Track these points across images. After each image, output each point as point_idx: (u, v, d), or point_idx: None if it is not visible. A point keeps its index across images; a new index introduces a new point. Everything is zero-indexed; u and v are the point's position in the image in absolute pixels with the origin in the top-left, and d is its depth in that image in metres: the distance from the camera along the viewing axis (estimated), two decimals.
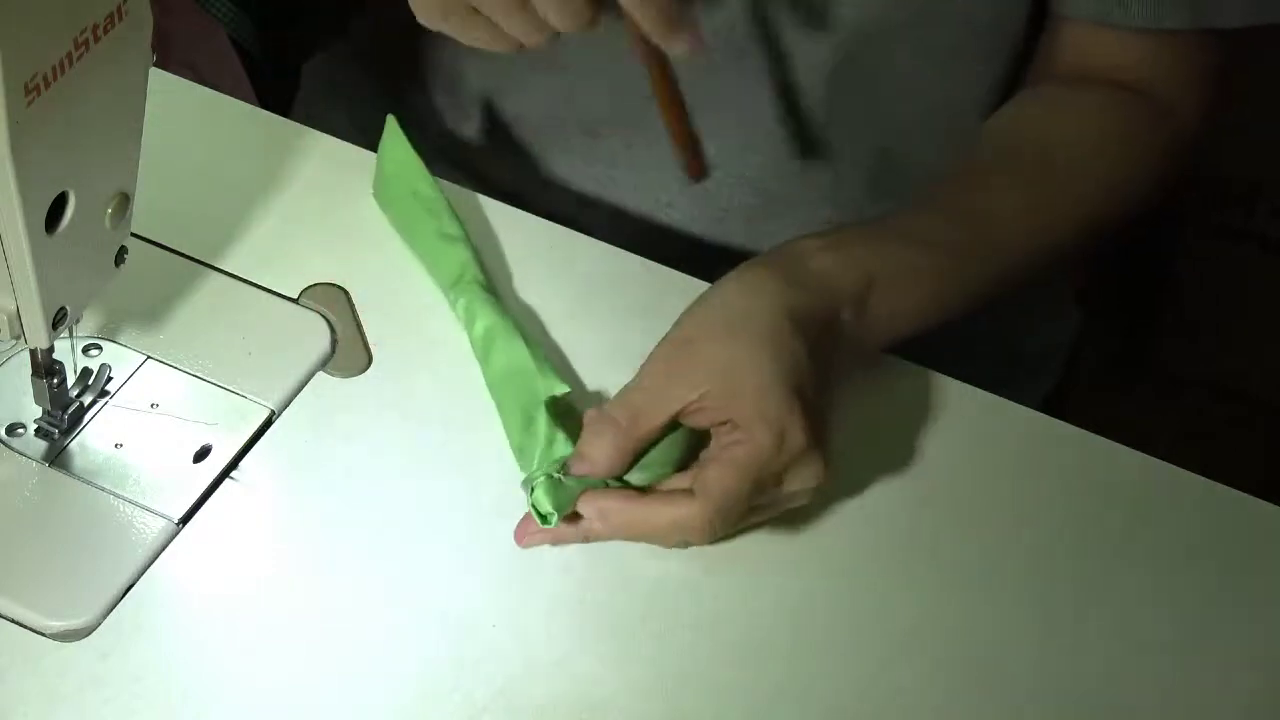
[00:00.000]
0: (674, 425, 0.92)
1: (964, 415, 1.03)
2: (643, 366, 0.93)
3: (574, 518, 0.91)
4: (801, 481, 0.92)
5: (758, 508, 0.93)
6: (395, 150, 1.07)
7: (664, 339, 0.94)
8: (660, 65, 1.02)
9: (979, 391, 1.04)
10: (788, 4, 1.09)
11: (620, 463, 0.92)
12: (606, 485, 0.92)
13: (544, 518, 0.90)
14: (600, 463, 0.91)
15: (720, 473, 0.90)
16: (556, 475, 0.91)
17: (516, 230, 1.08)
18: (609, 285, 1.06)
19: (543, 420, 0.94)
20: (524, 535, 0.93)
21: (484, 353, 0.99)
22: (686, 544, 0.92)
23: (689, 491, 0.90)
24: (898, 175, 1.17)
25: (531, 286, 1.05)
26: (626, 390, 0.93)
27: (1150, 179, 1.13)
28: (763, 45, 1.11)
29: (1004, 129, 1.11)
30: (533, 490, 0.91)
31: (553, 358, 1.00)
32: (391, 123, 1.07)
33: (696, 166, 1.10)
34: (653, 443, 0.92)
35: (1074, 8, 1.10)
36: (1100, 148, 1.11)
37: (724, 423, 0.91)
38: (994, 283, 1.05)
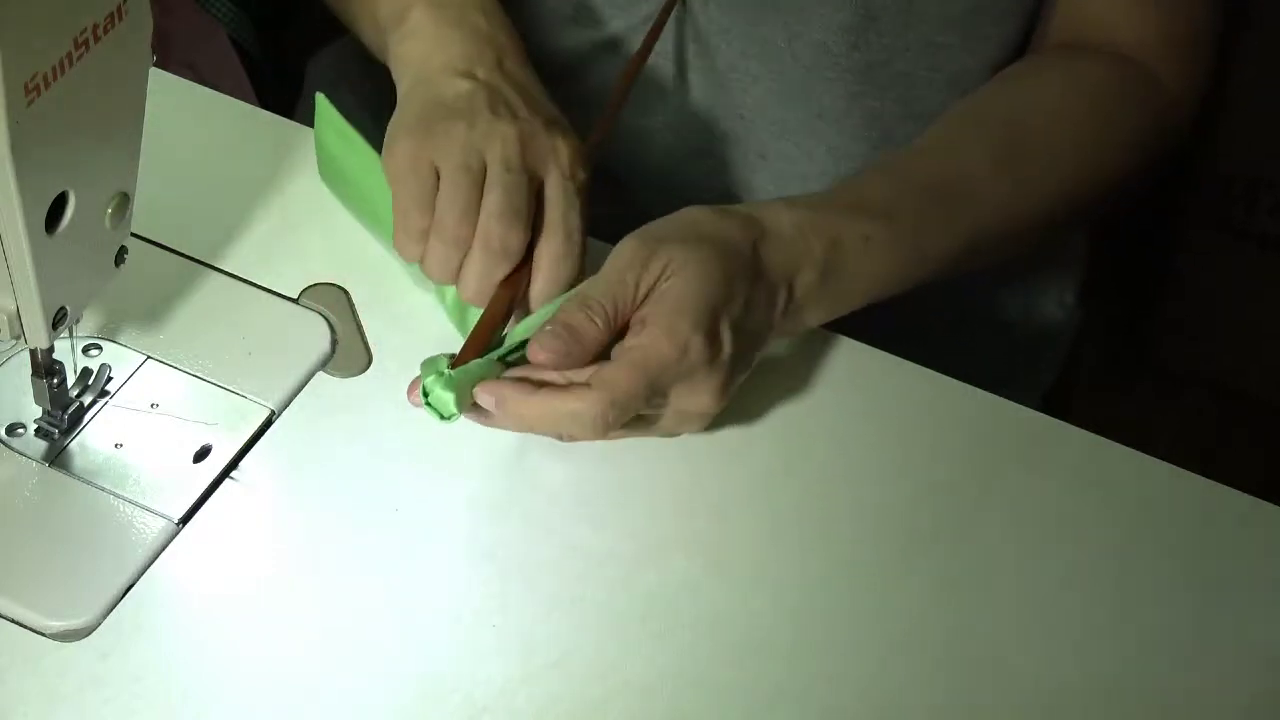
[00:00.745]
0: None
1: (964, 414, 1.03)
2: (611, 261, 0.94)
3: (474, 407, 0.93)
4: (689, 403, 0.93)
5: (646, 417, 0.94)
6: (332, 130, 1.06)
7: (633, 235, 0.95)
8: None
9: (978, 391, 1.04)
10: None
11: (596, 355, 0.92)
12: (503, 363, 0.93)
13: (445, 419, 0.91)
14: (588, 347, 0.92)
15: (618, 370, 0.91)
16: (447, 371, 0.91)
17: None
18: None
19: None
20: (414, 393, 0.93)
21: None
22: (573, 438, 0.94)
23: (586, 385, 0.91)
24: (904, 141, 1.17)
25: None
26: (595, 285, 0.93)
27: (1138, 151, 1.12)
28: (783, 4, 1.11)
29: (979, 96, 1.11)
30: (427, 395, 0.91)
31: None
32: (322, 102, 1.06)
33: None
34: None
35: None
36: (1081, 115, 1.10)
37: (640, 320, 0.93)
38: (965, 252, 1.05)
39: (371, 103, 1.26)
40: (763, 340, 0.97)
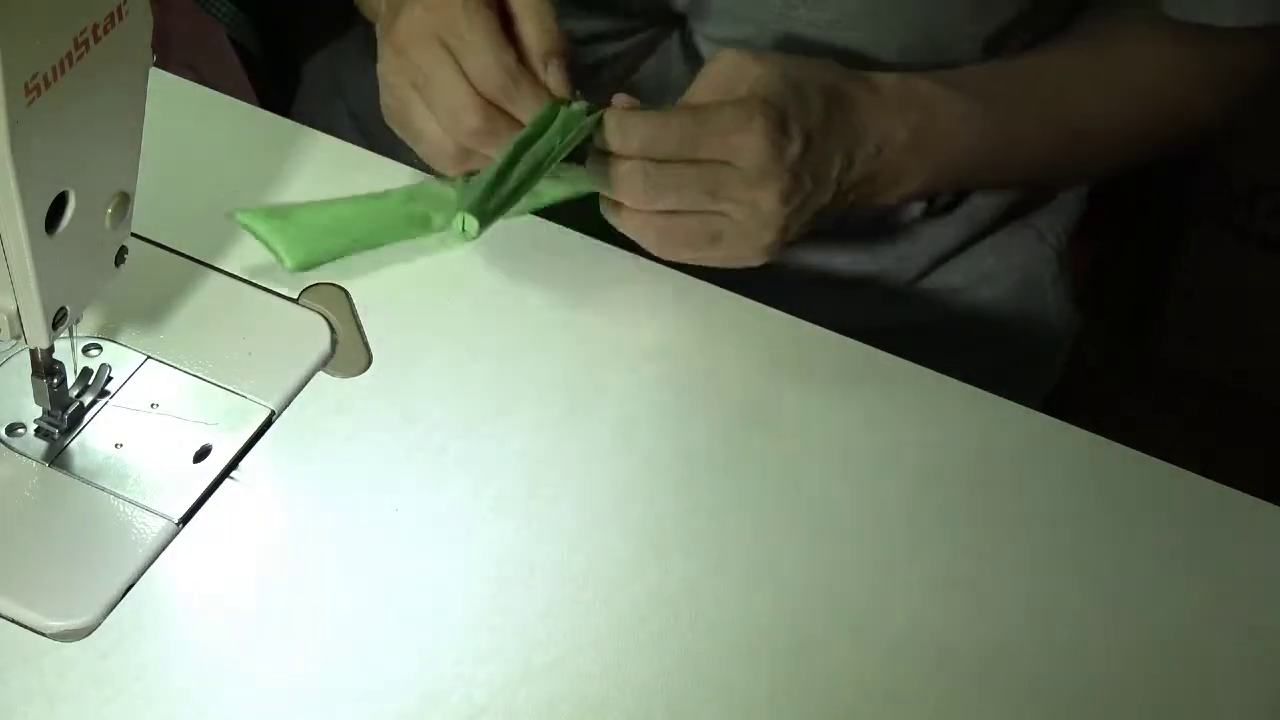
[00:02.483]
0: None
1: (964, 414, 1.03)
2: (702, 75, 0.99)
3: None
4: (755, 195, 0.96)
5: (709, 220, 0.98)
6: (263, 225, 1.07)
7: (731, 50, 0.99)
8: None
9: (979, 391, 1.04)
10: None
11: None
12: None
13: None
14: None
15: (671, 114, 0.96)
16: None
17: (511, 226, 1.08)
18: (604, 284, 1.06)
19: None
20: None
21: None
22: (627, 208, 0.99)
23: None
24: None
25: (527, 284, 1.06)
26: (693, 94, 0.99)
27: (1202, 108, 1.14)
28: None
29: (1076, 39, 1.14)
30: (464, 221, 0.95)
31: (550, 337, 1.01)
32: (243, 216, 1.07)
33: None
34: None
35: (1170, 7, 1.10)
36: (1160, 50, 1.12)
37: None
38: (1051, 149, 1.09)
39: (363, 106, 1.27)
40: (832, 186, 1.00)
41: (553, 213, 1.10)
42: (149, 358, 0.99)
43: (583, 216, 1.12)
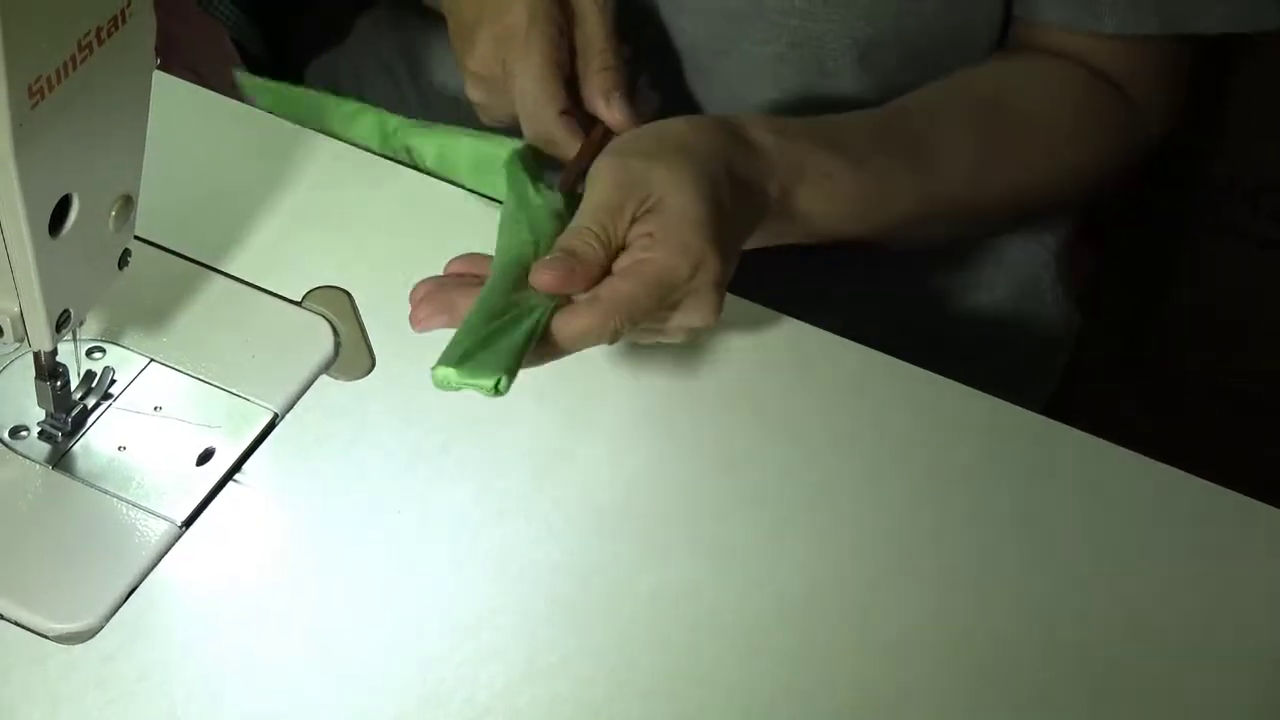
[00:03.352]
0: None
1: (965, 417, 1.03)
2: (592, 186, 0.94)
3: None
4: (691, 319, 0.93)
5: (645, 329, 0.94)
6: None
7: (609, 155, 0.95)
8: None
9: (979, 393, 1.04)
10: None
11: (598, 278, 0.92)
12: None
13: (497, 386, 0.87)
14: (590, 268, 0.91)
15: (628, 284, 0.90)
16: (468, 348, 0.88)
17: None
18: None
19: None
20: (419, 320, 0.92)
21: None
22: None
23: (594, 298, 0.90)
24: None
25: None
26: (586, 214, 0.93)
27: (1108, 152, 1.13)
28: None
29: (965, 78, 1.12)
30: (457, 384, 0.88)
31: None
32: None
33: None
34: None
35: (1041, 14, 1.10)
36: (1056, 108, 1.12)
37: (645, 235, 0.92)
38: (932, 224, 1.06)
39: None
40: (739, 252, 0.97)
41: None
42: (152, 360, 1.00)
43: None
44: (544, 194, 0.99)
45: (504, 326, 0.89)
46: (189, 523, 0.93)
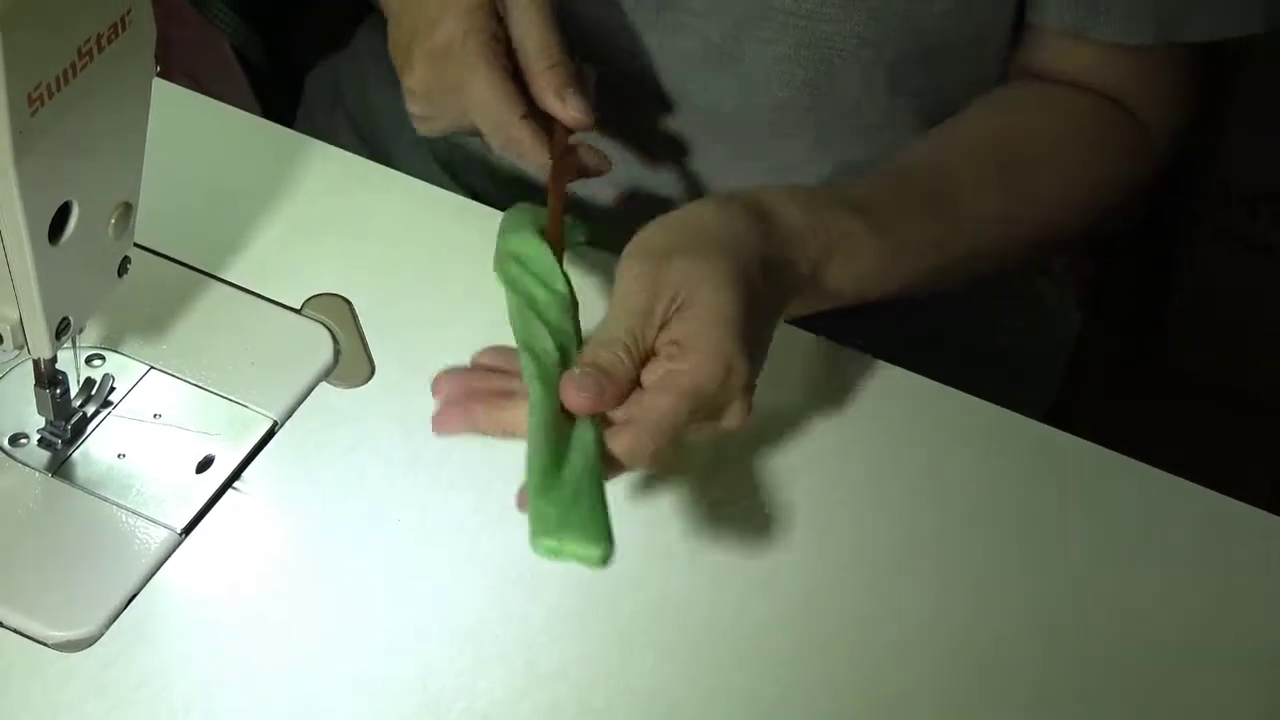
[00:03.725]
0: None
1: (967, 424, 1.03)
2: (620, 285, 0.90)
3: None
4: (726, 422, 0.90)
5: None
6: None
7: (634, 252, 0.91)
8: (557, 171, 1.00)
9: (981, 401, 1.04)
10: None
11: (629, 389, 0.88)
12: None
13: (604, 557, 0.83)
14: (621, 384, 0.88)
15: (663, 399, 0.87)
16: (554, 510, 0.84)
17: None
18: (608, 294, 1.06)
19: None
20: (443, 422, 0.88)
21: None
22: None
23: (627, 421, 0.87)
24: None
25: None
26: (616, 322, 0.89)
27: (1121, 180, 1.13)
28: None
29: (977, 121, 1.11)
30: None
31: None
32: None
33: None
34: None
35: (1047, 18, 1.10)
36: (1070, 147, 1.11)
37: (673, 342, 0.88)
38: (954, 272, 1.05)
39: (361, 120, 1.27)
40: (771, 339, 0.95)
41: None
42: (152, 368, 1.00)
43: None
44: (552, 292, 0.93)
45: (576, 478, 0.84)
46: (188, 530, 0.93)
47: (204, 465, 0.96)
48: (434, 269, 1.07)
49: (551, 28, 1.01)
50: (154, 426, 0.97)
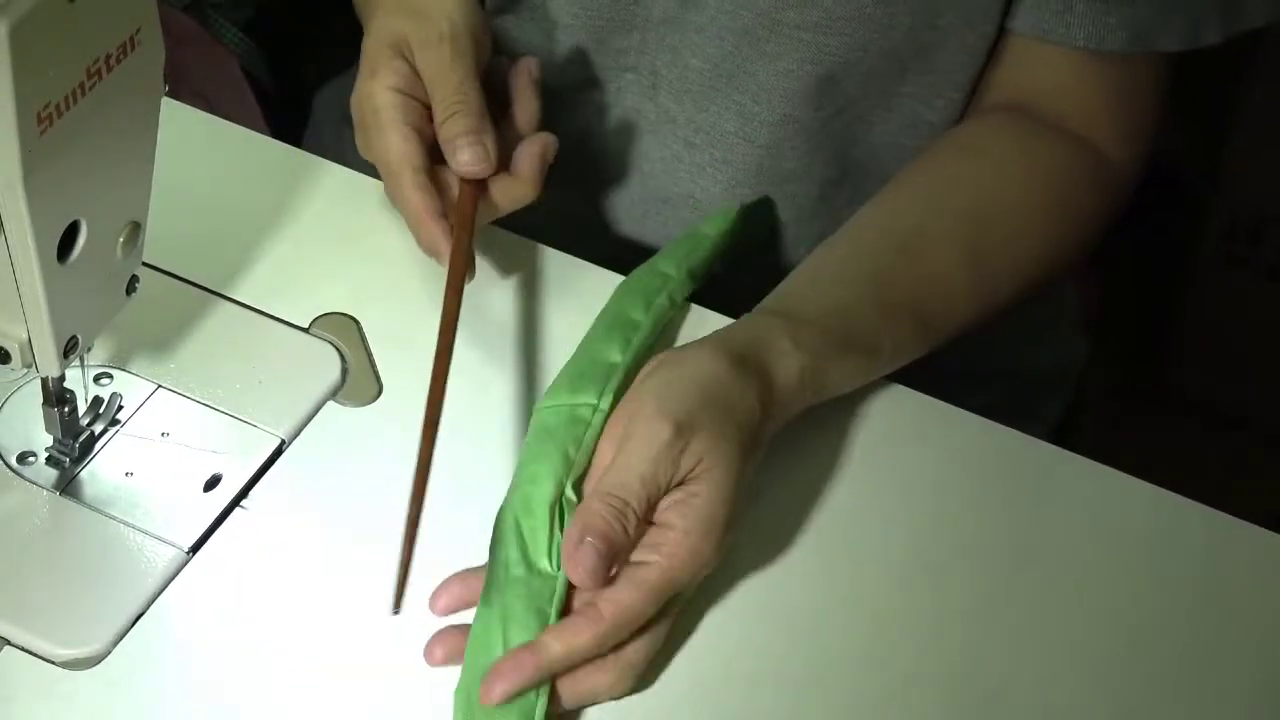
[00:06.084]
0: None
1: (973, 446, 1.03)
2: (634, 440, 0.91)
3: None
4: (688, 593, 0.92)
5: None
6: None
7: (661, 413, 0.91)
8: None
9: (986, 421, 1.04)
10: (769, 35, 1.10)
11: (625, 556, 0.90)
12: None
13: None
14: (621, 558, 0.89)
15: (629, 594, 0.88)
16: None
17: (524, 258, 1.09)
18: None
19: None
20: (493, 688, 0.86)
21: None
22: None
23: (589, 607, 0.88)
24: (855, 191, 1.16)
25: (539, 314, 1.06)
26: (628, 486, 0.89)
27: (1090, 231, 1.15)
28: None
29: (939, 176, 1.11)
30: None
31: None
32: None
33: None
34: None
35: (1019, 22, 1.10)
36: (1040, 203, 1.11)
37: (661, 527, 0.90)
38: (931, 349, 1.06)
39: None
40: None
41: (564, 244, 1.10)
42: (160, 386, 1.00)
43: (594, 247, 1.12)
44: (542, 572, 0.91)
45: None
46: (196, 548, 0.93)
47: (212, 484, 0.96)
48: (441, 288, 1.07)
49: (454, 68, 1.01)
50: (162, 445, 0.97)
